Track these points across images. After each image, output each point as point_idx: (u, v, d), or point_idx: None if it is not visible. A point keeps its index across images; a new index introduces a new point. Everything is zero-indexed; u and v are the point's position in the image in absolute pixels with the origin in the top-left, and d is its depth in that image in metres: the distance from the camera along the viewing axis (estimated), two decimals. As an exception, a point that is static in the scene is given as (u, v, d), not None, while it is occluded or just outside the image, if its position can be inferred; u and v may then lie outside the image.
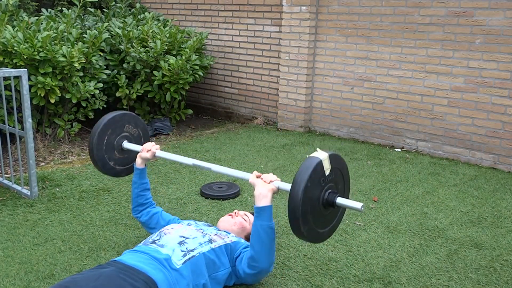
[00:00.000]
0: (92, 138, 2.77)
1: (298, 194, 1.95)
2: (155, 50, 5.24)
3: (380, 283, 2.56)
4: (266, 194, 2.25)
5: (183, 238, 2.33)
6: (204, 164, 2.58)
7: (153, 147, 2.75)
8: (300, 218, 1.95)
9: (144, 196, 2.78)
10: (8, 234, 3.00)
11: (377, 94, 5.23)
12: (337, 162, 2.15)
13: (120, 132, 2.86)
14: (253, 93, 6.26)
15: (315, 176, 2.00)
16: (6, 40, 4.34)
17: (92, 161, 2.83)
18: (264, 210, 2.24)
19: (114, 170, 2.88)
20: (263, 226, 2.23)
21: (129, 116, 2.92)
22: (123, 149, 2.87)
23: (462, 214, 3.45)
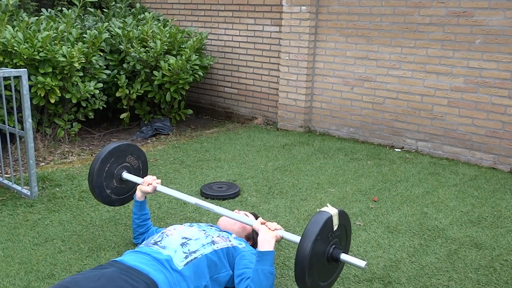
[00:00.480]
0: (94, 164, 2.79)
1: (308, 245, 2.00)
2: (155, 50, 5.24)
3: (380, 283, 2.56)
4: (270, 241, 2.28)
5: (186, 239, 2.33)
6: (207, 205, 2.61)
7: (154, 181, 2.77)
8: (307, 270, 2.01)
9: (144, 226, 2.83)
10: (8, 234, 3.00)
11: (377, 94, 5.23)
12: (344, 219, 2.22)
13: (122, 162, 2.89)
14: (253, 93, 6.26)
15: (325, 230, 2.07)
16: (6, 40, 4.34)
17: (90, 186, 2.85)
18: (266, 255, 2.25)
19: (109, 198, 2.90)
20: (264, 271, 2.23)
21: (133, 148, 2.95)
22: (122, 179, 2.90)
23: (462, 214, 3.45)
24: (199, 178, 4.07)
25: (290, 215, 3.37)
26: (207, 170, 4.30)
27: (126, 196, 2.97)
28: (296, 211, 3.44)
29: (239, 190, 3.77)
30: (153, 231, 2.84)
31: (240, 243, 2.48)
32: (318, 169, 4.35)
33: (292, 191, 3.81)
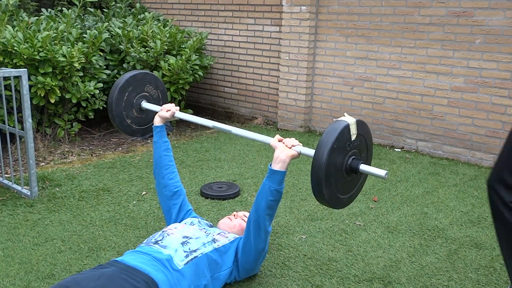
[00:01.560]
0: (112, 93, 2.74)
1: (324, 154, 1.91)
2: (155, 50, 5.24)
3: (380, 283, 2.56)
4: (284, 159, 2.24)
5: (186, 238, 2.33)
6: (224, 127, 2.57)
7: (173, 107, 2.74)
8: (324, 179, 1.92)
9: (168, 157, 2.75)
10: (8, 234, 3.00)
11: (377, 94, 5.23)
12: (363, 129, 2.12)
13: (140, 91, 2.84)
14: (253, 93, 6.26)
15: (341, 139, 1.97)
16: (6, 40, 4.34)
17: (110, 116, 2.80)
18: (277, 174, 2.23)
19: (130, 128, 2.86)
20: (271, 188, 2.24)
21: (150, 76, 2.89)
22: (142, 109, 2.86)
23: (462, 214, 3.45)
24: (199, 178, 4.07)
25: (290, 215, 3.37)
26: (207, 170, 4.30)
27: (147, 126, 2.91)
28: (296, 211, 3.44)
29: (239, 190, 3.77)
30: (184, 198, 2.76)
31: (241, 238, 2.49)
32: (318, 169, 4.34)
33: (292, 191, 3.81)
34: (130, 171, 4.22)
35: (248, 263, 2.40)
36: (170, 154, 2.78)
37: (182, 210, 2.76)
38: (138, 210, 3.41)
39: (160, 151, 2.74)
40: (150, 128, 2.88)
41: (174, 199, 2.76)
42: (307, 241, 2.99)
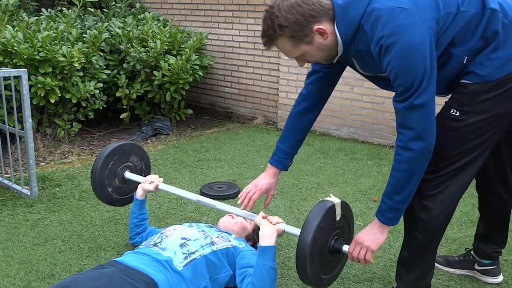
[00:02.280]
0: (98, 160, 2.77)
1: (311, 231, 1.95)
2: (155, 50, 5.24)
3: (380, 283, 2.56)
4: (271, 235, 2.25)
5: (185, 239, 2.33)
6: (208, 201, 2.58)
7: (156, 179, 2.76)
8: (308, 257, 1.95)
9: (142, 226, 2.81)
10: (8, 234, 3.00)
11: (377, 94, 5.22)
12: (347, 211, 2.18)
13: (125, 161, 2.88)
14: (253, 93, 6.26)
15: (328, 218, 2.02)
16: (6, 40, 4.34)
17: (92, 183, 2.83)
18: (268, 250, 2.23)
19: (110, 197, 2.88)
20: (265, 266, 2.22)
21: (137, 148, 2.94)
22: (124, 179, 2.88)
23: (462, 214, 3.45)
24: (199, 178, 4.07)
25: (290, 215, 3.37)
26: (207, 170, 4.30)
27: (127, 197, 2.95)
28: (296, 211, 3.44)
29: (239, 190, 3.77)
30: (152, 230, 2.83)
31: (240, 243, 2.48)
32: (318, 169, 4.35)
33: (292, 191, 3.81)
34: (130, 171, 4.22)
35: None
36: (145, 222, 2.82)
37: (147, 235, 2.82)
38: (138, 210, 3.40)
39: (136, 221, 2.79)
40: (130, 198, 2.91)
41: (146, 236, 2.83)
42: (307, 241, 2.99)
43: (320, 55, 1.95)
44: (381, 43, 1.77)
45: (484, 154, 2.04)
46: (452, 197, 2.08)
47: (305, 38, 1.86)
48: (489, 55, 1.89)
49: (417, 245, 2.13)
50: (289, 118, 2.45)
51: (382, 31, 1.75)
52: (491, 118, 1.94)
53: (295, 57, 1.98)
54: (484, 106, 1.88)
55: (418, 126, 1.82)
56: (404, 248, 2.21)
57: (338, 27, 1.84)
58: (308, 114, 2.45)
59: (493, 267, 2.54)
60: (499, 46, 1.88)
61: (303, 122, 2.44)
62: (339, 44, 1.89)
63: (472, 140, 1.97)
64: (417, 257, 2.16)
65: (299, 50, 1.92)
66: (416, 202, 2.06)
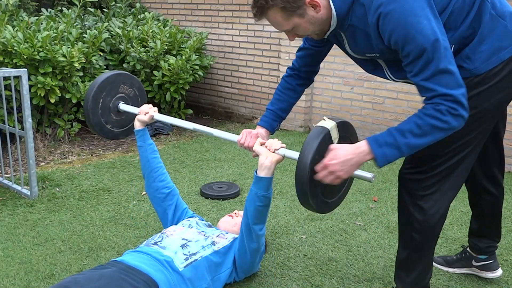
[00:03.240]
0: (86, 102, 2.66)
1: (306, 167, 1.86)
2: (155, 50, 5.24)
3: (380, 283, 2.56)
4: (269, 166, 2.22)
5: (186, 241, 2.33)
6: (205, 129, 2.48)
7: (150, 109, 2.66)
8: (309, 192, 1.89)
9: (155, 159, 2.69)
10: (8, 234, 3.00)
11: (377, 94, 5.23)
12: (345, 130, 2.05)
13: (115, 93, 2.75)
14: (253, 93, 6.26)
15: (322, 147, 1.91)
16: (6, 40, 4.34)
17: (89, 125, 2.73)
18: (263, 180, 2.23)
19: (112, 133, 2.78)
20: (257, 194, 2.25)
21: (123, 76, 2.80)
22: (120, 111, 2.78)
23: (462, 214, 3.45)
24: (199, 178, 4.07)
25: (290, 215, 3.37)
26: (207, 170, 4.30)
27: (129, 127, 2.83)
28: (296, 211, 3.44)
29: (239, 190, 3.77)
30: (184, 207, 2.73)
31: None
32: (318, 169, 4.34)
33: (292, 191, 3.81)
34: (130, 171, 4.22)
35: (245, 263, 2.41)
36: (157, 155, 2.72)
37: (177, 209, 2.73)
38: (138, 210, 3.41)
39: (147, 154, 2.67)
40: (132, 127, 2.78)
41: (168, 200, 2.72)
42: (307, 241, 2.99)
43: (312, 29, 1.90)
44: (379, 11, 1.71)
45: (475, 151, 2.02)
46: (446, 196, 2.07)
47: (297, 10, 1.81)
48: (476, 48, 1.85)
49: (414, 245, 2.12)
50: (280, 84, 2.45)
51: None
52: (479, 114, 1.91)
53: (286, 30, 1.92)
54: (471, 103, 1.80)
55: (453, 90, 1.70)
56: (401, 250, 2.20)
57: (333, 0, 1.82)
58: (299, 81, 2.44)
59: (491, 261, 2.53)
60: (484, 38, 1.84)
61: (293, 87, 2.43)
62: (333, 17, 1.85)
63: (461, 138, 1.93)
64: (415, 257, 2.15)
65: (291, 23, 1.87)
66: (410, 203, 2.05)
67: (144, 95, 2.92)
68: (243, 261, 2.39)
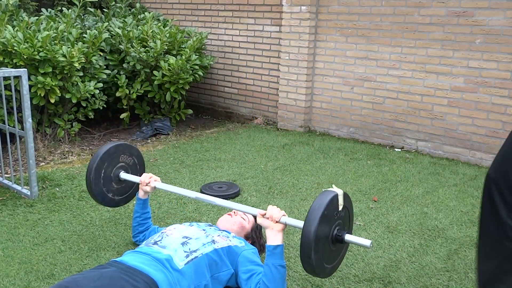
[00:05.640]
0: (89, 174, 2.78)
1: (316, 218, 2.00)
2: (155, 50, 5.24)
3: (380, 283, 2.56)
4: (277, 234, 2.29)
5: (186, 238, 2.33)
6: (207, 198, 2.61)
7: (151, 179, 2.77)
8: (313, 244, 1.99)
9: (145, 225, 2.85)
10: (8, 234, 3.00)
11: (377, 94, 5.23)
12: (347, 202, 2.22)
13: (116, 163, 2.88)
14: (253, 93, 6.26)
15: (331, 207, 2.07)
16: (6, 40, 4.34)
17: (91, 195, 2.85)
18: (277, 249, 2.27)
19: (113, 201, 2.92)
20: (275, 265, 2.25)
21: (123, 146, 2.93)
22: (120, 180, 2.90)
23: (462, 214, 3.45)
24: (199, 178, 4.07)
25: (290, 215, 3.36)
26: (207, 170, 4.30)
27: (129, 193, 2.97)
28: (296, 211, 3.44)
29: (239, 190, 3.77)
30: (154, 229, 2.85)
31: (240, 242, 2.48)
32: (318, 169, 4.35)
33: (292, 191, 3.81)
34: (130, 171, 4.22)
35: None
36: (148, 221, 2.86)
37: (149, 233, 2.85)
38: (138, 210, 3.41)
39: (139, 220, 2.83)
40: (133, 193, 2.97)
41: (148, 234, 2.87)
42: (307, 241, 2.99)
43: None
44: None
45: None
46: None
47: None
48: None
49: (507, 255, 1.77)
50: None
51: None
52: None
53: None
54: None
55: None
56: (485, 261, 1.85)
57: None
58: None
59: None
60: None
61: None
62: None
63: None
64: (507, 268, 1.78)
65: None
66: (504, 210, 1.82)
67: (143, 162, 3.05)
68: None
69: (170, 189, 2.74)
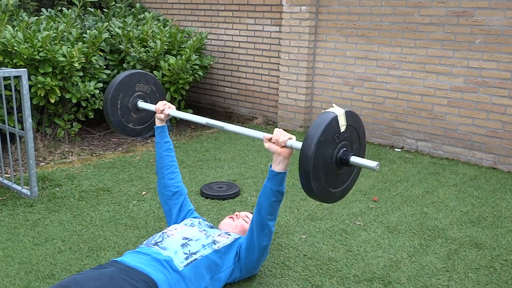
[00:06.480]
0: (105, 105, 2.75)
1: (311, 147, 1.87)
2: (155, 50, 5.24)
3: (380, 283, 2.56)
4: (282, 161, 2.25)
5: (186, 240, 2.33)
6: (217, 123, 2.56)
7: (165, 106, 2.74)
8: (311, 173, 1.88)
9: (169, 157, 2.77)
10: (8, 234, 3.00)
11: (377, 94, 5.23)
12: (353, 120, 2.06)
13: (132, 92, 2.83)
14: (253, 93, 6.26)
15: (329, 131, 1.92)
16: (6, 40, 4.34)
17: (111, 127, 2.83)
18: (278, 175, 2.26)
19: (134, 130, 2.87)
20: (272, 189, 2.27)
21: (138, 75, 2.88)
22: (139, 109, 2.86)
23: (462, 214, 3.45)
24: (199, 178, 4.07)
25: (290, 215, 3.37)
26: (207, 170, 4.30)
27: (151, 122, 2.92)
28: (296, 211, 3.44)
29: (239, 190, 3.77)
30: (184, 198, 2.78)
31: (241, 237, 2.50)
32: (318, 169, 4.34)
33: (292, 191, 3.81)
34: (130, 171, 4.22)
35: (251, 262, 2.42)
36: (172, 154, 2.79)
37: (182, 210, 2.77)
38: (138, 210, 3.41)
39: (161, 151, 2.76)
40: (154, 122, 2.87)
41: (175, 199, 2.78)
42: (307, 241, 2.99)
43: None
44: None
45: None
46: None
47: None
48: None
49: None
50: None
51: None
52: None
53: None
54: None
55: None
56: None
57: None
58: None
59: None
60: None
61: None
62: None
63: None
64: None
65: None
66: None
67: (161, 89, 2.99)
68: (250, 260, 2.41)
69: (183, 116, 2.71)
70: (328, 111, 1.96)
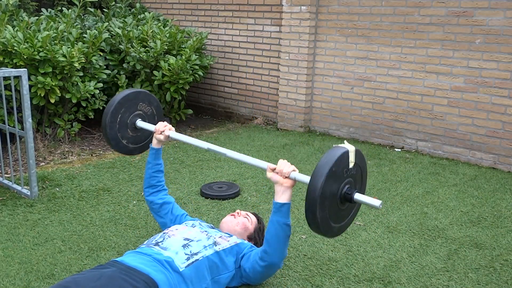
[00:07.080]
0: (105, 116, 2.76)
1: (322, 175, 1.89)
2: (155, 50, 5.24)
3: (380, 283, 2.56)
4: (285, 191, 2.26)
5: (187, 240, 2.33)
6: (219, 149, 2.55)
7: (166, 127, 2.74)
8: (318, 201, 1.90)
9: (156, 178, 2.79)
10: (8, 234, 3.00)
11: (377, 94, 5.23)
12: (360, 160, 2.10)
13: (133, 110, 2.85)
14: (253, 93, 6.26)
15: (340, 164, 1.95)
16: (6, 40, 4.34)
17: (105, 139, 2.84)
18: (283, 206, 2.25)
19: (127, 148, 2.89)
20: (279, 223, 2.25)
21: (143, 94, 2.90)
22: (137, 128, 2.87)
23: (462, 214, 3.46)
24: (199, 178, 4.07)
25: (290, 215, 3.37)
26: (207, 170, 4.30)
27: (144, 143, 2.94)
28: (296, 211, 3.44)
29: (239, 190, 3.77)
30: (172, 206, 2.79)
31: (242, 242, 2.48)
32: (318, 169, 4.34)
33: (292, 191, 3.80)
34: (130, 171, 4.22)
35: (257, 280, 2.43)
36: (161, 175, 2.82)
37: (175, 216, 2.78)
38: (138, 210, 3.41)
39: (151, 172, 2.79)
40: (148, 144, 2.91)
41: (164, 208, 2.80)
42: (307, 241, 2.99)
43: None
44: None
45: None
46: None
47: None
48: None
49: None
50: None
51: None
52: None
53: None
54: None
55: None
56: None
57: None
58: None
59: None
60: None
61: None
62: None
63: None
64: None
65: None
66: None
67: (161, 113, 3.02)
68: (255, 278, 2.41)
69: (183, 138, 2.70)
70: (341, 146, 2.01)
